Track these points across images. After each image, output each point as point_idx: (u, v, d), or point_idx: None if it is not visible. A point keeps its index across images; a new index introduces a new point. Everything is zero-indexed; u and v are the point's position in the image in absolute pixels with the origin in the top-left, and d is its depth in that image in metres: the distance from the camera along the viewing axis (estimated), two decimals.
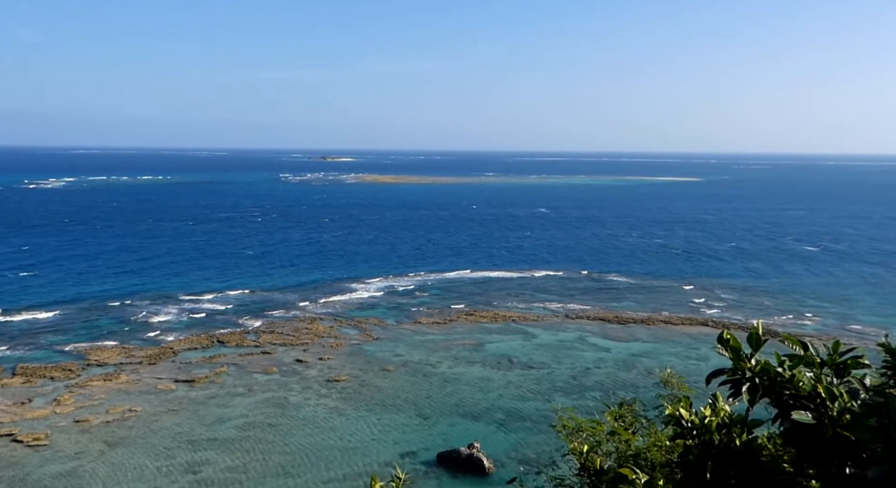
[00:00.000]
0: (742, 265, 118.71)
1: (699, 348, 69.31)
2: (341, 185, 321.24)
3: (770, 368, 5.34)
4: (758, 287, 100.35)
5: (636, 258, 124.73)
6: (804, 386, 5.18)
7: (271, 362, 64.54)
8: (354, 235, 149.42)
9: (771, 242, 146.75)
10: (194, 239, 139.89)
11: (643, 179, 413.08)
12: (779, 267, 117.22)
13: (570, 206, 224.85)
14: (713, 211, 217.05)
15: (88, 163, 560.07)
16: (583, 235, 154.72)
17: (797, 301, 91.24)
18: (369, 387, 58.20)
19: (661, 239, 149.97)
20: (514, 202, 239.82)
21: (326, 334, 73.52)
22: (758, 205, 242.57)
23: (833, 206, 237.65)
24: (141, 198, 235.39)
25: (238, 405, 54.31)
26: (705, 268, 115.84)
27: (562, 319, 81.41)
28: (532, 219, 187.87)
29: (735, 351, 5.49)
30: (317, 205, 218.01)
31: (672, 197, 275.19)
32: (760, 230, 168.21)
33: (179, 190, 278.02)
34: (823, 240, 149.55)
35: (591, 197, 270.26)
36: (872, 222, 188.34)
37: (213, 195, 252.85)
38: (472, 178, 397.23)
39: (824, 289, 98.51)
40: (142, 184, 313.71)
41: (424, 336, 73.93)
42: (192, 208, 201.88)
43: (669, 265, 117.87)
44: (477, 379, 60.90)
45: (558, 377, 61.48)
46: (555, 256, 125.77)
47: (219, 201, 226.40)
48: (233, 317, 79.69)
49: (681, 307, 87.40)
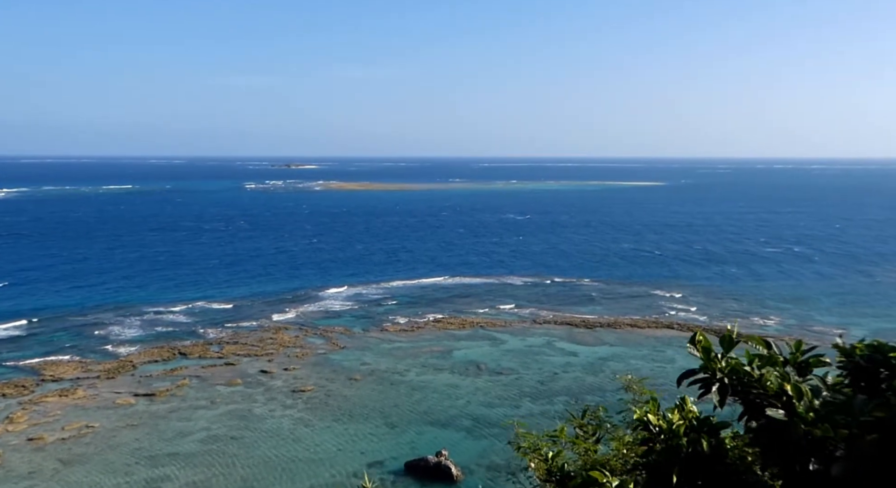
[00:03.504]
0: (708, 268, 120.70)
1: (665, 350, 70.07)
2: (307, 193, 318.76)
3: (739, 368, 5.40)
4: (723, 289, 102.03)
5: (604, 263, 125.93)
6: (771, 386, 5.23)
7: (235, 373, 63.36)
8: (321, 244, 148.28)
9: (736, 245, 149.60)
10: (156, 249, 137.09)
11: (609, 184, 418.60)
12: (743, 269, 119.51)
13: (538, 212, 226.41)
14: (679, 214, 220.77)
15: (41, 173, 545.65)
16: (552, 240, 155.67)
17: (760, 302, 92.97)
18: (335, 397, 57.55)
19: (628, 243, 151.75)
20: (483, 208, 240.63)
21: (292, 344, 72.58)
22: (722, 208, 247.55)
23: (794, 208, 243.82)
24: (101, 208, 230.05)
25: (200, 418, 53.07)
26: (672, 271, 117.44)
27: (529, 324, 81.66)
28: (501, 225, 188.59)
29: (706, 351, 5.54)
30: (283, 213, 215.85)
31: (638, 201, 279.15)
32: (726, 233, 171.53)
33: (140, 199, 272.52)
34: (786, 242, 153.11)
35: (559, 202, 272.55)
36: (830, 223, 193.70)
37: (176, 204, 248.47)
38: (439, 185, 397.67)
39: (786, 291, 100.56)
40: (102, 194, 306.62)
41: (392, 344, 73.48)
42: (153, 218, 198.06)
43: (637, 269, 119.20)
44: (445, 386, 60.66)
45: (526, 382, 61.56)
46: (523, 262, 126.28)
47: (181, 210, 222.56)
48: (196, 328, 78.18)
49: (647, 310, 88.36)
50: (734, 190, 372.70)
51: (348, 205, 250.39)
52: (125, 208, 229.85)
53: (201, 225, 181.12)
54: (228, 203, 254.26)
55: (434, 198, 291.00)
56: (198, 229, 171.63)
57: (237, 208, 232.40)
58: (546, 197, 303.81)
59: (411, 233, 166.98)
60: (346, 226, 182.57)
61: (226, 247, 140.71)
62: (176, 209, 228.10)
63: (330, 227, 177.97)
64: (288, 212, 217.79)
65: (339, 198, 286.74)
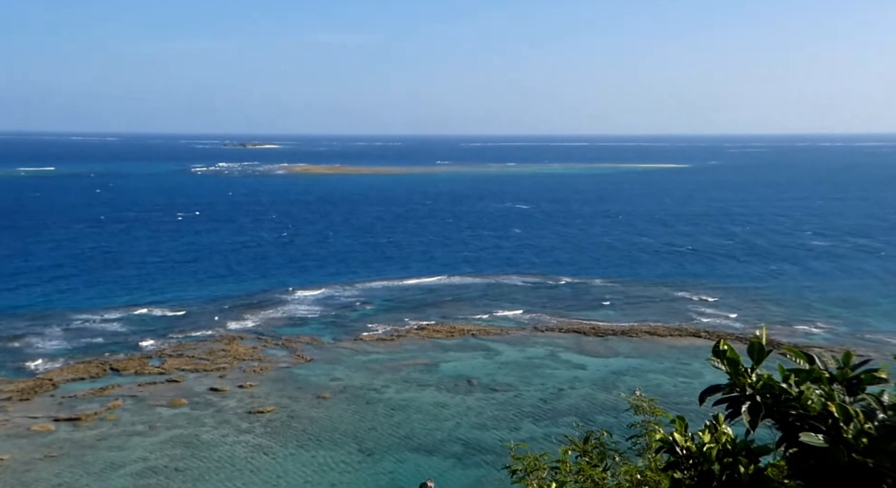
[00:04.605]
0: (745, 265, 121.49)
1: (690, 363, 70.30)
2: (268, 178, 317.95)
3: (774, 384, 5.36)
4: (761, 290, 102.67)
5: (623, 259, 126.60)
6: (813, 405, 5.17)
7: (179, 392, 62.97)
8: (285, 238, 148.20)
9: (780, 237, 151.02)
10: (85, 244, 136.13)
11: (624, 167, 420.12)
12: (786, 265, 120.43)
13: (545, 200, 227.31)
14: (716, 202, 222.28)
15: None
16: (561, 233, 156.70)
17: (806, 306, 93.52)
18: (300, 419, 57.39)
19: (653, 236, 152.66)
20: (476, 195, 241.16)
21: (248, 356, 72.42)
22: (759, 193, 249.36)
23: (846, 193, 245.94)
24: (16, 195, 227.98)
25: (136, 447, 52.56)
26: (704, 268, 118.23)
27: (530, 332, 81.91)
28: (499, 215, 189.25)
29: (733, 364, 5.50)
30: (239, 202, 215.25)
31: (662, 187, 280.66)
32: (769, 223, 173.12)
33: (67, 184, 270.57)
34: (838, 233, 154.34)
35: (568, 188, 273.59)
36: (891, 211, 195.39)
37: (110, 190, 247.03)
38: (423, 168, 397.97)
39: (837, 292, 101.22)
40: (16, 177, 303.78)
41: (367, 355, 73.52)
42: (82, 207, 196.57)
43: (661, 266, 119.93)
44: (430, 405, 60.69)
45: (526, 401, 61.68)
46: (525, 259, 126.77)
47: (117, 198, 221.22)
48: (132, 339, 77.70)
49: (670, 315, 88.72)
50: (774, 172, 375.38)
51: (317, 191, 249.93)
52: (45, 195, 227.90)
53: (140, 215, 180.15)
54: (173, 189, 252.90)
55: (418, 183, 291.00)
56: (136, 220, 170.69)
57: (184, 195, 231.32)
58: (552, 182, 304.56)
59: (392, 226, 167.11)
60: (314, 217, 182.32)
61: (170, 243, 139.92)
62: (110, 196, 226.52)
63: (295, 219, 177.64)
64: (245, 201, 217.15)
65: (307, 183, 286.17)
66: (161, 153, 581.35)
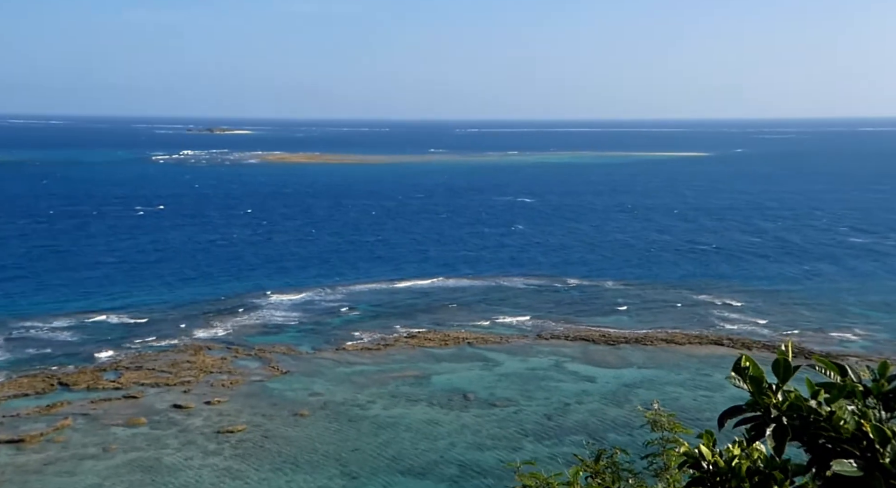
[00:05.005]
0: (775, 264, 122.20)
1: (712, 374, 70.48)
2: (240, 167, 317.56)
3: (801, 404, 5.32)
4: (792, 292, 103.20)
5: (639, 258, 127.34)
6: (846, 426, 5.12)
7: (138, 410, 62.70)
8: (260, 234, 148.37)
9: (817, 234, 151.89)
10: (31, 243, 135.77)
11: (638, 155, 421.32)
12: (822, 265, 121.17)
13: (551, 192, 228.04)
14: (736, 194, 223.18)
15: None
16: (577, 230, 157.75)
17: (841, 311, 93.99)
18: (275, 440, 57.26)
19: (675, 233, 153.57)
20: (476, 187, 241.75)
21: (217, 369, 72.24)
22: (792, 184, 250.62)
23: (892, 185, 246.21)
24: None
25: (88, 472, 52.33)
26: (726, 270, 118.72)
27: (533, 340, 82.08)
28: (503, 209, 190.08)
29: (755, 382, 5.48)
30: (208, 194, 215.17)
31: (680, 177, 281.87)
32: (804, 218, 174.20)
33: (7, 173, 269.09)
34: (881, 230, 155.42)
35: (577, 179, 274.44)
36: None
37: (59, 181, 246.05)
38: (415, 157, 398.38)
39: (877, 294, 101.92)
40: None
41: (351, 367, 73.45)
42: (28, 199, 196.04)
43: (682, 267, 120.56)
44: (421, 422, 60.69)
45: (528, 417, 61.71)
46: (529, 259, 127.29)
47: (67, 189, 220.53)
48: (84, 350, 77.45)
49: (690, 321, 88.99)
50: (808, 160, 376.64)
51: (295, 183, 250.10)
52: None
53: (96, 209, 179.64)
54: (131, 180, 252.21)
55: (409, 173, 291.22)
56: (91, 215, 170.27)
57: (145, 187, 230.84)
58: (559, 172, 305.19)
59: (381, 222, 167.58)
60: (294, 212, 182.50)
61: (130, 241, 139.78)
62: (59, 188, 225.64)
63: (272, 214, 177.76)
64: (216, 194, 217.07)
65: (284, 174, 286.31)
66: (115, 139, 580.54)
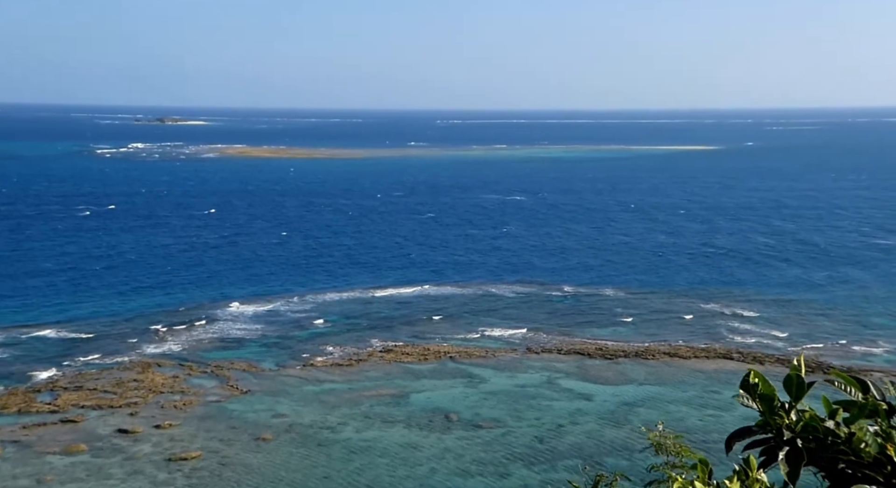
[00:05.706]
0: (794, 269, 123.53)
1: (720, 392, 70.79)
2: (197, 162, 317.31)
3: (817, 423, 5.36)
4: (810, 300, 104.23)
5: (639, 263, 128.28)
6: (868, 449, 5.13)
7: (77, 435, 62.19)
8: (217, 237, 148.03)
9: (839, 234, 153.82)
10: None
11: (640, 149, 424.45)
12: (847, 269, 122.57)
13: (546, 190, 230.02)
14: (749, 192, 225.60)
15: None
16: (576, 231, 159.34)
17: (863, 321, 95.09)
18: (234, 467, 56.98)
19: (685, 235, 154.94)
20: (464, 184, 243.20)
21: (168, 388, 71.88)
22: (812, 181, 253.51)
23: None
24: None
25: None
26: (738, 275, 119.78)
27: (522, 354, 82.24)
28: (493, 208, 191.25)
29: (766, 400, 5.58)
30: (162, 193, 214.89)
31: (688, 173, 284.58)
32: (827, 218, 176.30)
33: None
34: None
35: (573, 175, 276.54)
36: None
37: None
38: (393, 151, 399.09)
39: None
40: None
41: (320, 385, 73.37)
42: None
43: (686, 273, 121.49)
44: (398, 446, 60.61)
45: (517, 440, 61.73)
46: (523, 263, 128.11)
47: (0, 186, 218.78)
48: (16, 369, 77.01)
49: (696, 333, 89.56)
50: (829, 154, 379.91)
51: (261, 180, 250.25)
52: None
53: (34, 210, 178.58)
54: (74, 177, 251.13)
55: (388, 169, 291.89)
56: (29, 216, 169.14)
57: (90, 184, 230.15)
58: (553, 168, 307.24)
59: (358, 224, 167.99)
60: (262, 211, 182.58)
61: (75, 246, 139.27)
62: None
63: (236, 214, 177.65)
64: (172, 192, 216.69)
65: (247, 170, 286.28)
66: (53, 129, 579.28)
